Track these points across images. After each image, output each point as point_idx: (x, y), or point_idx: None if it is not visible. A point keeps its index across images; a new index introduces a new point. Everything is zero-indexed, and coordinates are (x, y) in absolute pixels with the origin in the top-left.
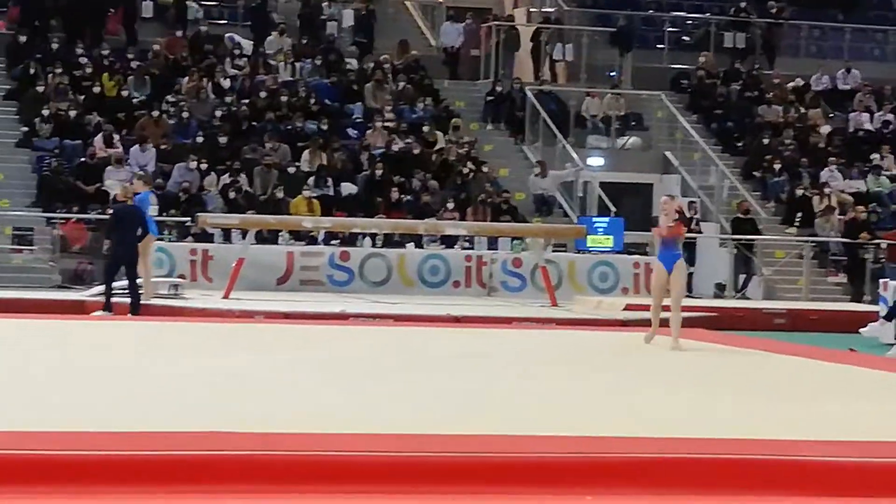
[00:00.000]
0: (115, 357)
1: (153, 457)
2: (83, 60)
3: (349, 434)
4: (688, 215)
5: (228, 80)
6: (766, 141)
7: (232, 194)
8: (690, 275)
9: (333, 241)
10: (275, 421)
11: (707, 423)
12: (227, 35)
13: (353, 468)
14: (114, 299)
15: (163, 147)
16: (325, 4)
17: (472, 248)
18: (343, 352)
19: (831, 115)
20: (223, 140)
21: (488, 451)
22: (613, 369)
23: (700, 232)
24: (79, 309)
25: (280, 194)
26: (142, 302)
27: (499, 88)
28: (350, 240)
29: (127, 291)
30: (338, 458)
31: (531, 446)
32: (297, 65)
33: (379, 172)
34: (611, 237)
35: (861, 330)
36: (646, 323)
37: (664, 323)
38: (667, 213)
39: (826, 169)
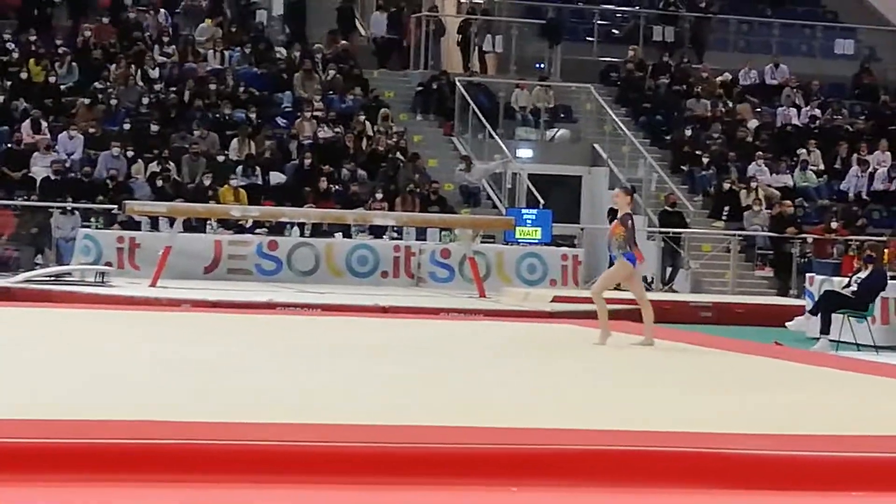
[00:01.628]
0: (32, 345)
1: (54, 444)
2: (10, 46)
3: (247, 423)
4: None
5: (157, 67)
6: (693, 134)
7: (160, 182)
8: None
9: (260, 230)
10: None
11: (629, 415)
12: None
13: (248, 457)
14: (39, 286)
15: (91, 133)
16: None
17: (400, 239)
18: (258, 341)
19: (759, 109)
20: (152, 128)
21: (412, 442)
22: (538, 360)
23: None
24: (4, 296)
25: (208, 182)
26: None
27: (427, 79)
28: (278, 229)
29: (53, 278)
30: (240, 448)
31: (455, 437)
32: (227, 53)
33: (308, 162)
34: (539, 229)
35: (787, 324)
36: (572, 315)
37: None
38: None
39: (753, 163)
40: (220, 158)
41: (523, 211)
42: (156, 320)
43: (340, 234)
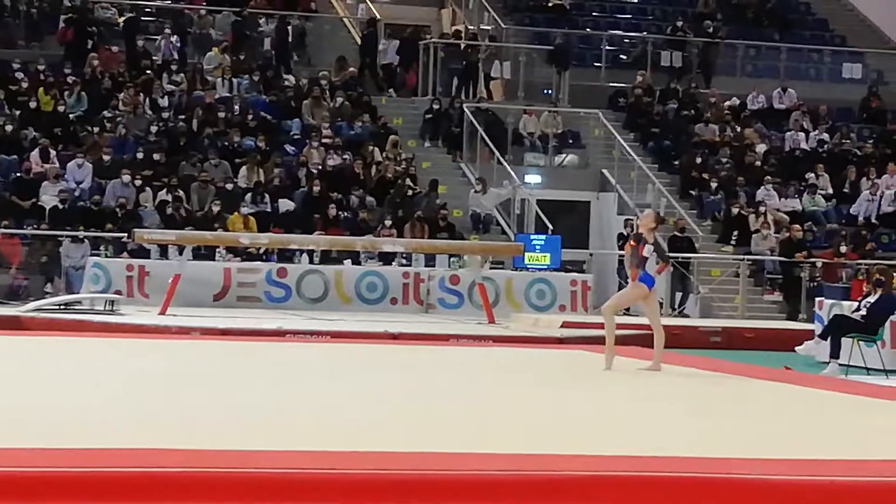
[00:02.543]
0: (40, 373)
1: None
2: (19, 75)
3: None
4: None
5: (165, 96)
6: (702, 159)
7: (169, 210)
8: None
9: (269, 257)
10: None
11: (639, 440)
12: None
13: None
14: (49, 315)
15: (100, 162)
16: (261, 21)
17: (409, 265)
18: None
19: (767, 134)
20: (160, 156)
21: (420, 469)
22: (548, 386)
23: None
24: (14, 324)
25: (217, 210)
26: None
27: (436, 106)
28: (287, 256)
29: (63, 307)
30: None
31: (464, 464)
32: (235, 80)
33: (317, 189)
34: (548, 255)
35: (797, 348)
36: (581, 340)
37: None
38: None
39: (762, 188)
40: (229, 186)
41: (532, 237)
42: (165, 348)
43: (349, 260)
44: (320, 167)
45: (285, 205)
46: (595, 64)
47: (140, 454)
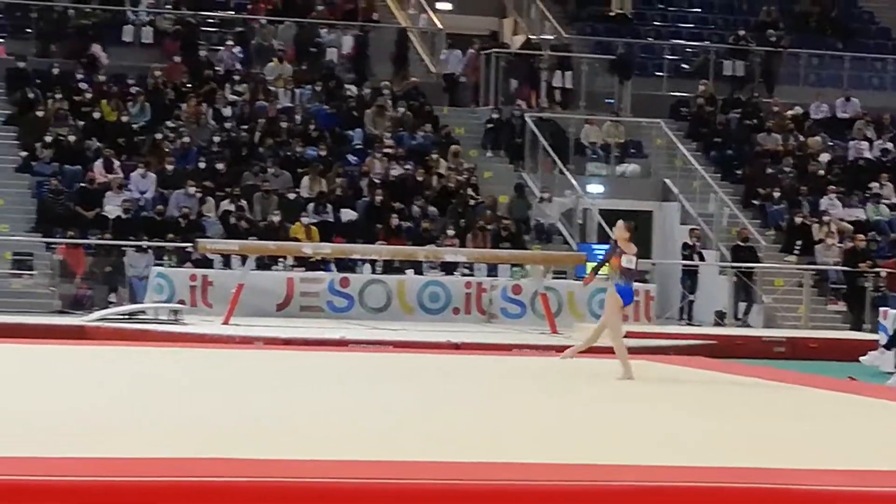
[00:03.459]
0: (110, 383)
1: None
2: (83, 86)
3: (336, 461)
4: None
5: (228, 106)
6: (765, 169)
7: (232, 220)
8: (691, 303)
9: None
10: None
11: (705, 451)
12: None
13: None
14: (113, 324)
15: (163, 171)
16: (323, 31)
17: (471, 275)
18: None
19: (830, 143)
20: (223, 166)
21: (482, 479)
22: (611, 397)
23: (701, 259)
24: (78, 334)
25: (279, 220)
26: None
27: (497, 115)
28: (350, 266)
29: (126, 316)
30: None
31: (527, 474)
32: (297, 91)
33: (379, 199)
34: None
35: (861, 358)
36: (644, 351)
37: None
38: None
39: (825, 197)
40: (292, 196)
41: (594, 246)
42: (229, 358)
43: (412, 270)
44: (382, 177)
45: (347, 214)
46: (657, 73)
47: (207, 463)
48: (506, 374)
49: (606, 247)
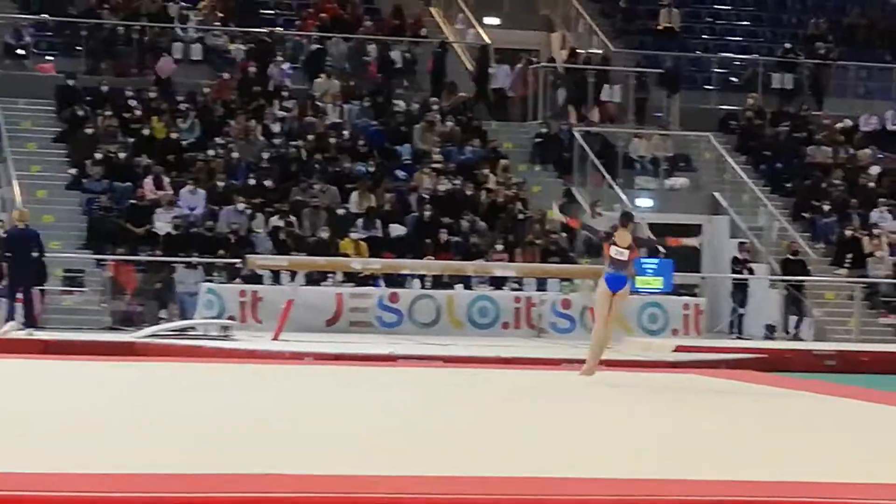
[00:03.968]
0: (161, 400)
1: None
2: (132, 103)
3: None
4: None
5: (277, 122)
6: (815, 182)
7: (281, 236)
8: (741, 316)
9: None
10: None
11: (754, 464)
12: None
13: None
14: (163, 341)
15: (212, 188)
16: (370, 48)
17: (521, 290)
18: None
19: (881, 155)
20: (272, 182)
21: (530, 494)
22: (663, 409)
23: (751, 273)
24: (129, 351)
25: (328, 235)
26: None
27: (545, 130)
28: (399, 281)
29: (177, 332)
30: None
31: (571, 489)
32: (345, 107)
33: (427, 214)
34: (660, 278)
35: None
36: (694, 364)
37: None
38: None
39: (876, 210)
40: (341, 211)
41: (644, 260)
42: (279, 373)
43: (461, 285)
44: (431, 192)
45: (396, 230)
46: (705, 86)
47: (254, 480)
48: (556, 388)
49: (656, 260)
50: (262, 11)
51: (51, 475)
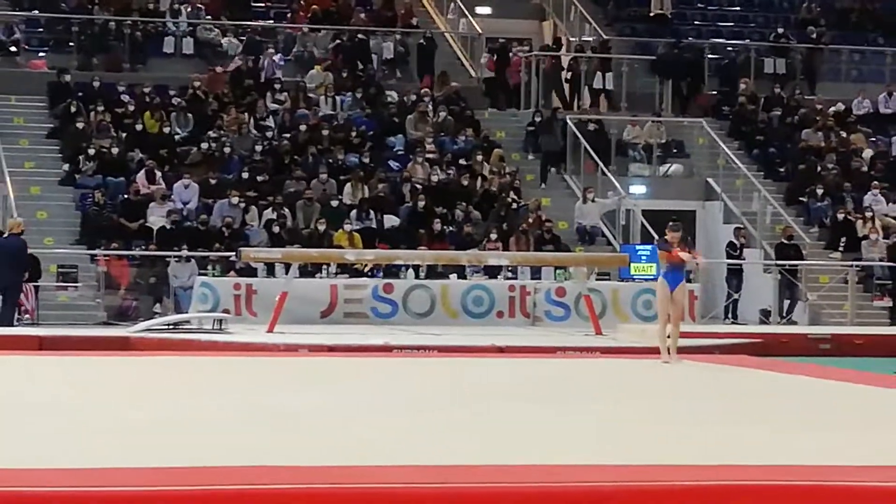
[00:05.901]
0: (160, 395)
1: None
2: (125, 98)
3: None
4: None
5: (269, 115)
6: (808, 166)
7: (275, 228)
8: (735, 301)
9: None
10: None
11: (749, 448)
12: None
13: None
14: (158, 335)
15: (206, 182)
16: (363, 38)
17: (515, 278)
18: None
19: (873, 139)
20: (265, 175)
21: (526, 482)
22: (656, 396)
23: (744, 258)
24: (124, 345)
25: (322, 227)
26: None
27: (538, 118)
28: (393, 272)
29: (171, 326)
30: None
31: (574, 475)
32: (338, 98)
33: (421, 204)
34: (654, 265)
35: None
36: (689, 350)
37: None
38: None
39: (869, 193)
40: (334, 203)
41: (638, 247)
42: (274, 366)
43: (455, 275)
44: (424, 182)
45: (390, 220)
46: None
47: (254, 472)
48: (551, 375)
49: (649, 247)
50: (253, 4)
51: (46, 470)
